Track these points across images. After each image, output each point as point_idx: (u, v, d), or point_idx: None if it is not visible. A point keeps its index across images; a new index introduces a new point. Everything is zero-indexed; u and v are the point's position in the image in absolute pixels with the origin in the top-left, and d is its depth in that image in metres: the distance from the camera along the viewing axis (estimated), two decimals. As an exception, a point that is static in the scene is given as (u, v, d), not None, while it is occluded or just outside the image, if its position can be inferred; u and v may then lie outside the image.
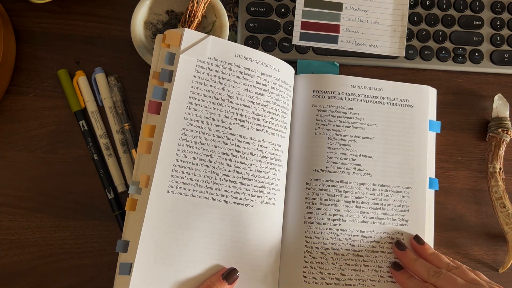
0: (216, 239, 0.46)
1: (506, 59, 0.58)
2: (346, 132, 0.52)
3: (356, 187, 0.51)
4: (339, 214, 0.50)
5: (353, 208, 0.50)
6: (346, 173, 0.51)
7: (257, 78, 0.49)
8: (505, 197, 0.53)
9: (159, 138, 0.45)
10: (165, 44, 0.47)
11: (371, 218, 0.50)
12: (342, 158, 0.51)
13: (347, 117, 0.52)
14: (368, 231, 0.50)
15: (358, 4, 0.58)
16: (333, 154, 0.51)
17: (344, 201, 0.50)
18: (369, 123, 0.52)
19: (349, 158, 0.51)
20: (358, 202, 0.50)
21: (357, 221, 0.50)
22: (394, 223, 0.50)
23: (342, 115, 0.52)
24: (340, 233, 0.50)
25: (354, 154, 0.51)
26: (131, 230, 0.44)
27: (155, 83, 0.47)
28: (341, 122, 0.52)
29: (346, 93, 0.52)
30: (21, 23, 0.56)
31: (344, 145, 0.51)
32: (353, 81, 0.53)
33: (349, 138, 0.51)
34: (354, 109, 0.52)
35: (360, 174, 0.51)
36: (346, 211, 0.50)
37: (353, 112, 0.52)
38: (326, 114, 0.52)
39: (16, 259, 0.51)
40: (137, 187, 0.45)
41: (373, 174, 0.51)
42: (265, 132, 0.48)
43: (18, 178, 0.52)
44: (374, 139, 0.52)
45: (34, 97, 0.54)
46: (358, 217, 0.50)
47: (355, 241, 0.50)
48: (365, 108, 0.52)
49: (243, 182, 0.47)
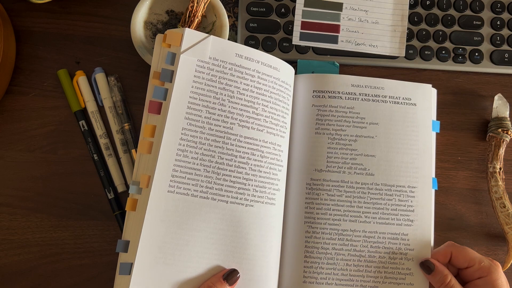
0: (217, 239, 0.45)
1: (506, 59, 0.58)
2: (347, 132, 0.51)
3: (357, 186, 0.50)
4: (339, 214, 0.50)
5: (354, 208, 0.50)
6: (347, 172, 0.51)
7: (257, 78, 0.49)
8: (505, 197, 0.53)
9: (159, 138, 0.45)
10: (166, 44, 0.47)
11: (374, 218, 0.50)
12: (343, 158, 0.51)
13: (348, 116, 0.52)
14: (371, 231, 0.50)
15: (358, 4, 0.58)
16: (333, 154, 0.51)
17: (344, 201, 0.50)
18: (371, 122, 0.52)
19: (350, 157, 0.51)
20: (360, 202, 0.50)
21: (359, 221, 0.50)
22: (398, 223, 0.50)
23: (343, 115, 0.52)
24: (341, 233, 0.49)
25: (355, 153, 0.51)
26: (131, 230, 0.44)
27: (155, 83, 0.46)
28: (341, 122, 0.52)
29: (347, 93, 0.52)
30: (21, 23, 0.56)
31: (344, 145, 0.51)
32: (353, 80, 0.53)
33: (350, 138, 0.51)
34: (355, 108, 0.52)
35: (362, 173, 0.51)
36: (347, 211, 0.50)
37: (353, 111, 0.52)
38: (326, 114, 0.52)
39: (16, 259, 0.51)
40: (138, 187, 0.45)
41: (376, 174, 0.51)
42: (266, 132, 0.48)
43: (18, 178, 0.52)
44: (377, 138, 0.52)
45: (34, 97, 0.54)
46: (360, 217, 0.50)
47: (356, 241, 0.49)
48: (366, 107, 0.52)
49: (243, 182, 0.47)
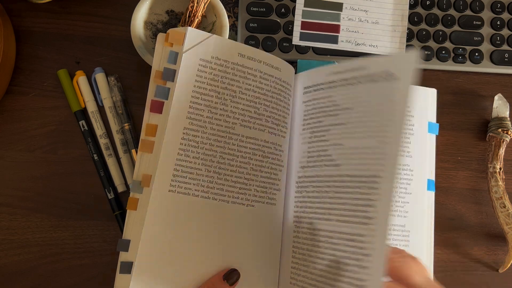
0: (217, 239, 0.45)
1: (506, 59, 0.58)
2: (323, 123, 0.47)
3: (327, 180, 0.44)
4: (321, 212, 0.45)
5: (327, 205, 0.44)
6: (318, 166, 0.46)
7: (259, 78, 0.49)
8: (505, 197, 0.53)
9: (161, 138, 0.45)
10: (168, 43, 0.47)
11: (346, 217, 0.42)
12: (317, 151, 0.46)
13: (325, 106, 0.47)
14: (355, 233, 0.41)
15: (358, 4, 0.58)
16: (312, 148, 0.47)
17: (319, 197, 0.45)
18: (345, 107, 0.46)
19: (321, 149, 0.46)
20: (333, 198, 0.44)
21: (334, 220, 0.43)
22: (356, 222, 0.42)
23: (322, 106, 0.47)
24: (317, 233, 0.45)
25: (326, 144, 0.46)
26: (132, 229, 0.44)
27: (157, 82, 0.46)
28: (319, 113, 0.48)
29: (328, 82, 0.48)
30: (21, 23, 0.56)
31: (319, 137, 0.47)
32: (336, 68, 0.47)
33: (323, 128, 0.47)
34: (332, 96, 0.47)
35: (329, 165, 0.45)
36: (325, 208, 0.44)
37: (330, 99, 0.47)
38: (310, 109, 0.49)
39: (16, 259, 0.51)
40: (139, 186, 0.45)
41: (343, 165, 0.43)
42: (267, 132, 0.48)
43: (18, 178, 0.52)
44: (349, 124, 0.44)
45: (34, 97, 0.54)
46: (338, 216, 0.43)
47: (335, 244, 0.43)
48: (342, 93, 0.46)
49: (244, 182, 0.47)
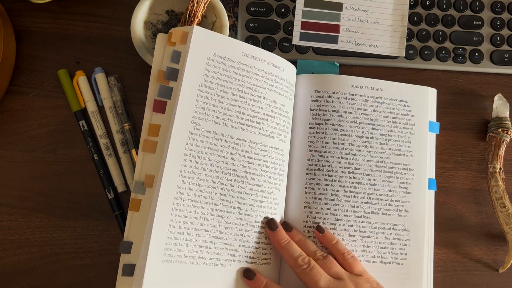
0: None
1: (506, 59, 0.58)
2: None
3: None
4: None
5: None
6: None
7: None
8: (505, 197, 0.53)
9: (164, 138, 0.45)
10: (171, 42, 0.47)
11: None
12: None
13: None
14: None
15: (358, 4, 0.58)
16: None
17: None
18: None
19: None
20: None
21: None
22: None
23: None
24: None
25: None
26: (134, 231, 0.44)
27: (159, 81, 0.46)
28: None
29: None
30: (21, 23, 0.56)
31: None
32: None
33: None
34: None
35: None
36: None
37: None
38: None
39: (16, 259, 0.51)
40: (141, 187, 0.45)
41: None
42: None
43: (18, 178, 0.52)
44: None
45: (34, 97, 0.54)
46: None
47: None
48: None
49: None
